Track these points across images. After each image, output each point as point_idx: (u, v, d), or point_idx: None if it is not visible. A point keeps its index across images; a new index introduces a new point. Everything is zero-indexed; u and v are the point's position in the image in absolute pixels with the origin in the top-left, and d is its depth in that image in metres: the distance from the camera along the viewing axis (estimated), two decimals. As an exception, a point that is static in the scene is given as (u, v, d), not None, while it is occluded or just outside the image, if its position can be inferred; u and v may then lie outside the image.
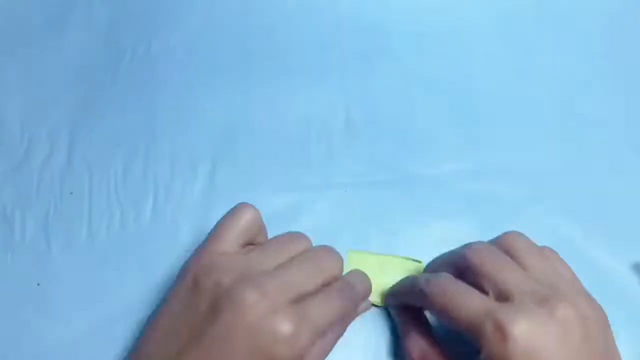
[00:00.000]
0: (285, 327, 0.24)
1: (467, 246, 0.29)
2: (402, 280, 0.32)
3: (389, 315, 0.33)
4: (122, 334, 0.32)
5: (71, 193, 0.37)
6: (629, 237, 0.36)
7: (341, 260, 0.29)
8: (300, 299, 0.26)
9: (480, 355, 0.25)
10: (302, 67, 0.41)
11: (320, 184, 0.37)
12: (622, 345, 0.27)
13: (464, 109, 0.40)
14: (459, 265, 0.29)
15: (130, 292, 0.33)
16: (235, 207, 0.29)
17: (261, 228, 0.30)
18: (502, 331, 0.24)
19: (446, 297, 0.27)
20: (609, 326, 0.26)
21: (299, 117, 0.39)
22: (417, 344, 0.30)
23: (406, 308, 0.32)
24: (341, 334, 0.30)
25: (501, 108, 0.40)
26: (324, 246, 0.30)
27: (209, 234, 0.29)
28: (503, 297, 0.26)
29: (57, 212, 0.36)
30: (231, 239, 0.28)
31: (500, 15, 0.43)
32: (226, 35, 0.42)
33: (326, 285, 0.28)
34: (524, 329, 0.24)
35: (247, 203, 0.29)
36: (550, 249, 0.29)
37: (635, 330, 0.30)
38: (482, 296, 0.26)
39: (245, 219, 0.29)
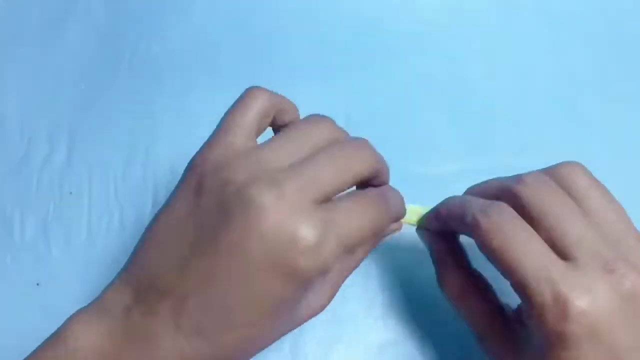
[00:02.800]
0: (307, 232, 0.20)
1: (518, 179, 0.25)
2: (449, 200, 0.28)
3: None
4: (122, 334, 0.32)
5: (71, 193, 0.37)
6: (629, 237, 0.36)
7: (376, 156, 0.25)
8: (325, 201, 0.22)
9: (527, 318, 0.22)
10: (302, 67, 0.41)
11: (320, 184, 0.37)
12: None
13: (464, 109, 0.40)
14: (510, 202, 0.24)
15: (130, 292, 0.33)
16: (243, 93, 0.25)
17: (282, 109, 0.26)
18: (562, 305, 0.21)
19: (505, 238, 0.23)
20: None
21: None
22: (455, 278, 0.27)
23: (443, 234, 0.28)
24: (368, 252, 0.26)
25: (501, 108, 0.40)
26: (354, 139, 0.25)
27: (216, 127, 0.25)
28: (564, 252, 0.22)
29: (56, 212, 0.36)
30: (240, 133, 0.24)
31: (500, 15, 0.43)
32: (226, 35, 0.42)
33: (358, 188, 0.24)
34: (588, 306, 0.21)
35: (258, 87, 0.25)
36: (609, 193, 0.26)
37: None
38: (545, 249, 0.23)
39: (256, 106, 0.25)
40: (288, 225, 0.20)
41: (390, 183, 0.37)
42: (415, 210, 0.30)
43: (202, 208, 0.22)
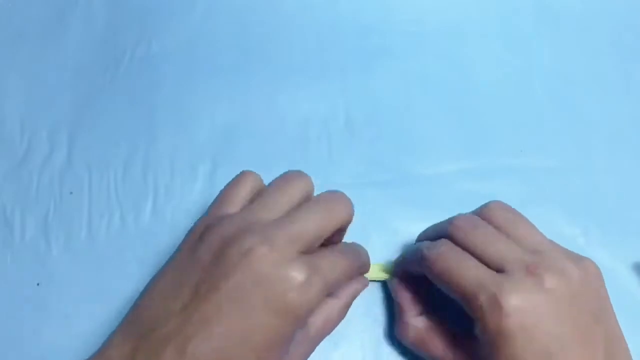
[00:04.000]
0: (296, 274, 0.24)
1: (450, 222, 0.30)
2: (407, 248, 0.33)
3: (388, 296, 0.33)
4: (122, 334, 0.32)
5: (71, 193, 0.37)
6: (629, 237, 0.36)
7: (349, 207, 0.28)
8: (308, 251, 0.25)
9: (475, 326, 0.26)
10: (302, 67, 0.41)
11: (320, 184, 0.37)
12: (622, 345, 0.27)
13: (464, 109, 0.40)
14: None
15: (130, 292, 0.33)
16: (237, 175, 0.30)
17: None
18: (496, 305, 0.25)
19: (445, 263, 0.28)
20: (600, 280, 0.28)
21: (299, 117, 0.39)
22: (412, 324, 0.31)
23: (405, 284, 0.32)
24: (345, 308, 0.30)
25: (501, 108, 0.40)
26: (330, 193, 0.29)
27: (213, 201, 0.29)
28: (496, 267, 0.27)
29: (57, 212, 0.36)
30: (233, 203, 0.28)
31: (500, 15, 0.43)
32: (226, 35, 0.42)
33: (335, 235, 0.28)
34: (517, 302, 0.25)
35: (249, 171, 0.30)
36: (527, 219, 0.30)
37: (636, 330, 0.30)
38: (479, 265, 0.27)
39: (247, 184, 0.29)
40: (278, 269, 0.24)
41: (390, 183, 0.37)
42: (378, 268, 0.34)
43: (201, 259, 0.25)
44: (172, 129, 0.39)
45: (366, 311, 0.33)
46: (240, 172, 0.30)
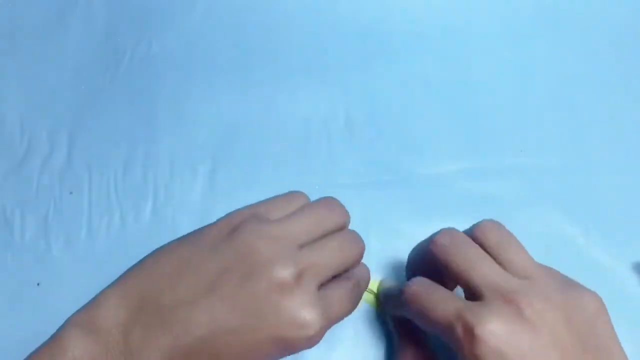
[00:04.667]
0: (312, 320, 0.25)
1: (431, 241, 0.29)
2: (388, 289, 0.33)
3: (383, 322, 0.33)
4: (122, 334, 0.32)
5: (71, 193, 0.37)
6: (629, 237, 0.36)
7: (364, 247, 0.29)
8: (325, 283, 0.26)
9: (458, 357, 0.25)
10: (302, 67, 0.41)
11: (320, 184, 0.37)
12: (622, 345, 0.27)
13: (464, 109, 0.40)
14: (430, 262, 0.29)
15: (130, 292, 0.33)
16: (293, 191, 0.30)
17: None
18: (470, 333, 0.24)
19: (420, 302, 0.27)
20: (601, 311, 0.26)
21: (299, 117, 0.39)
22: (409, 354, 0.30)
23: (401, 319, 0.31)
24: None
25: (501, 108, 0.40)
26: (353, 232, 0.29)
27: (269, 198, 0.29)
28: (473, 295, 0.26)
29: (57, 212, 0.36)
30: (278, 213, 0.28)
31: (500, 15, 0.43)
32: (226, 35, 0.42)
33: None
34: (491, 330, 0.24)
35: (303, 193, 0.30)
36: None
37: (636, 330, 0.30)
38: (454, 297, 0.26)
39: (297, 203, 0.29)
40: (299, 310, 0.24)
41: (390, 183, 0.37)
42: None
43: (226, 260, 0.25)
44: (172, 129, 0.39)
45: (366, 311, 0.33)
46: (297, 191, 0.30)
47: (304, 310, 0.24)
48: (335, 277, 0.28)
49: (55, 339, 0.25)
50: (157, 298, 0.25)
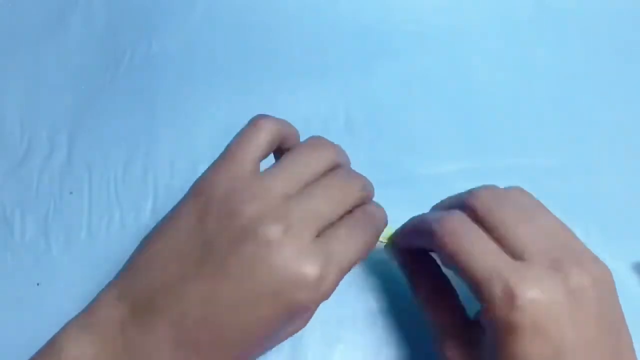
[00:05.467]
0: (311, 269, 0.22)
1: (471, 192, 0.26)
2: (411, 219, 0.30)
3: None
4: (122, 334, 0.32)
5: (71, 193, 0.37)
6: (629, 237, 0.36)
7: (365, 183, 0.27)
8: (324, 230, 0.24)
9: (482, 317, 0.24)
10: (302, 67, 0.41)
11: (320, 184, 0.37)
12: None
13: (464, 109, 0.40)
14: (466, 214, 0.26)
15: (130, 292, 0.33)
16: (250, 121, 0.26)
17: (287, 136, 0.27)
18: (510, 296, 0.22)
19: (457, 242, 0.24)
20: (614, 285, 0.25)
21: (299, 117, 0.39)
22: (424, 283, 0.28)
23: (413, 256, 0.30)
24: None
25: (501, 108, 0.40)
26: (347, 170, 0.27)
27: (224, 151, 0.26)
28: (515, 253, 0.24)
29: (57, 212, 0.36)
30: (247, 160, 0.25)
31: (500, 15, 0.43)
32: (226, 36, 0.42)
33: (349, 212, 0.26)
34: (535, 296, 0.22)
35: (265, 115, 0.26)
36: None
37: (636, 330, 0.30)
38: (496, 249, 0.24)
39: (263, 136, 0.26)
40: (293, 262, 0.22)
41: (390, 183, 0.37)
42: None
43: (209, 232, 0.23)
44: (172, 129, 0.39)
45: (366, 311, 0.33)
46: (253, 119, 0.26)
47: (299, 263, 0.22)
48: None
49: (51, 342, 0.24)
50: (149, 289, 0.24)
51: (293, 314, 0.23)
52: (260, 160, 0.26)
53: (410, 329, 0.33)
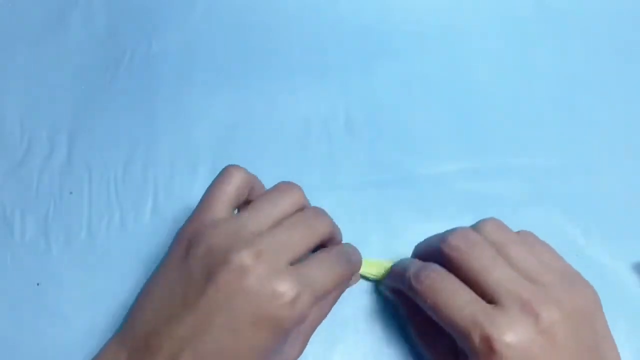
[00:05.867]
0: (285, 288, 0.24)
1: (442, 239, 0.28)
2: (395, 264, 0.32)
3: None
4: (122, 334, 0.32)
5: (71, 193, 0.37)
6: (629, 237, 0.36)
7: (331, 221, 0.29)
8: (296, 261, 0.26)
9: (469, 357, 0.25)
10: (302, 67, 0.41)
11: (320, 184, 0.37)
12: (622, 344, 0.27)
13: (464, 109, 0.40)
14: (439, 262, 0.28)
15: (130, 292, 0.33)
16: (222, 171, 0.29)
17: (253, 186, 0.29)
18: (488, 343, 0.24)
19: (435, 296, 0.26)
20: (598, 308, 0.26)
21: (299, 117, 0.39)
22: (419, 319, 0.29)
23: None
24: (336, 300, 0.30)
25: (501, 108, 0.40)
26: (314, 207, 0.29)
27: (200, 201, 0.28)
28: (490, 298, 0.25)
29: (57, 212, 0.36)
30: (221, 205, 0.27)
31: (500, 15, 0.43)
32: (226, 35, 0.42)
33: (321, 247, 0.28)
34: (510, 341, 0.24)
35: (235, 165, 0.29)
36: (529, 233, 0.29)
37: (635, 330, 0.30)
38: (472, 297, 0.26)
39: (233, 183, 0.28)
40: (268, 283, 0.24)
41: (390, 183, 0.37)
42: (369, 263, 0.33)
43: (190, 270, 0.25)
44: (172, 129, 0.39)
45: (366, 311, 0.33)
46: (224, 169, 0.29)
47: (273, 283, 0.24)
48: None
49: None
50: (144, 332, 0.25)
51: (276, 333, 0.24)
52: (233, 208, 0.28)
53: (409, 330, 0.33)
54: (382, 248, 0.35)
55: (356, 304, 0.33)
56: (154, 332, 0.25)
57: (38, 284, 0.34)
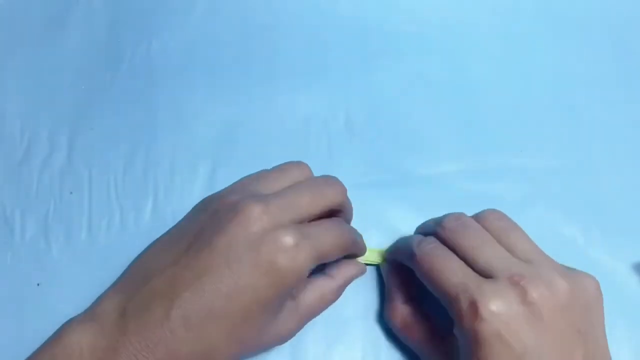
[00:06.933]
0: (287, 238, 0.25)
1: (438, 223, 0.30)
2: (400, 239, 0.33)
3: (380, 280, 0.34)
4: (122, 334, 0.32)
5: (71, 193, 0.37)
6: (629, 237, 0.36)
7: (343, 190, 0.30)
8: (302, 222, 0.27)
9: (455, 327, 0.26)
10: (303, 67, 0.41)
11: (320, 184, 0.37)
12: (622, 344, 0.27)
13: (464, 109, 0.40)
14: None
15: (130, 292, 0.33)
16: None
17: None
18: (474, 309, 0.25)
19: (432, 262, 0.28)
20: (596, 299, 0.27)
21: (299, 117, 0.39)
22: (399, 309, 0.31)
23: (397, 272, 0.33)
24: (340, 290, 0.31)
25: (501, 108, 0.40)
26: (328, 175, 0.30)
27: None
28: (482, 273, 0.27)
29: (57, 212, 0.36)
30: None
31: (500, 15, 0.43)
32: (226, 35, 0.42)
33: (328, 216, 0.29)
34: (495, 310, 0.25)
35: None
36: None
37: (635, 330, 0.30)
38: (465, 268, 0.27)
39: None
40: (271, 232, 0.25)
41: (390, 183, 0.37)
42: (375, 252, 0.34)
43: (199, 219, 0.27)
44: (172, 129, 0.39)
45: (366, 311, 0.33)
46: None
47: (277, 232, 0.25)
48: None
49: (54, 334, 0.26)
50: (145, 274, 0.26)
51: (274, 281, 0.25)
52: None
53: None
54: (381, 248, 0.35)
55: (356, 304, 0.33)
56: (156, 274, 0.25)
57: (38, 284, 0.34)
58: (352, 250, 0.31)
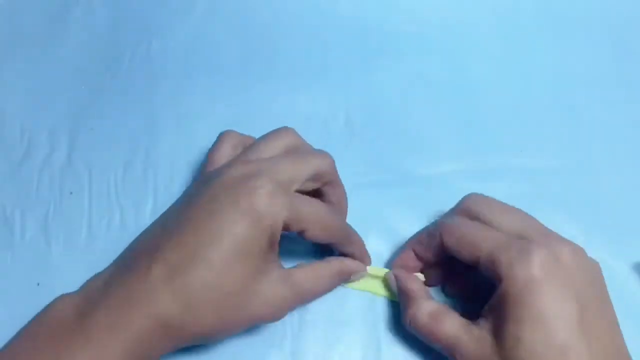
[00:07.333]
0: (264, 183, 0.26)
1: (462, 199, 0.31)
2: (416, 233, 0.33)
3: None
4: (122, 334, 0.32)
5: (71, 193, 0.37)
6: (629, 237, 0.36)
7: (331, 161, 0.31)
8: (282, 185, 0.28)
9: (500, 286, 0.26)
10: (303, 66, 0.41)
11: (320, 184, 0.37)
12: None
13: (464, 109, 0.40)
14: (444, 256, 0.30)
15: (130, 292, 0.33)
16: (217, 138, 0.32)
17: (247, 143, 0.32)
18: (526, 254, 0.25)
19: (461, 230, 0.28)
20: (601, 275, 0.28)
21: (299, 117, 0.39)
22: (424, 306, 0.30)
23: (408, 275, 0.32)
24: (332, 280, 0.31)
25: (501, 108, 0.40)
26: (316, 149, 0.31)
27: (201, 165, 0.32)
28: (511, 234, 0.28)
29: (57, 212, 0.36)
30: (219, 161, 0.31)
31: (500, 15, 0.43)
32: (226, 35, 0.42)
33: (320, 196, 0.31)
34: (546, 255, 0.25)
35: (227, 130, 0.33)
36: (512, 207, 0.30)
37: (635, 330, 0.30)
38: (493, 230, 0.28)
39: (227, 142, 0.32)
40: (249, 180, 0.27)
41: (390, 183, 0.37)
42: (378, 271, 0.33)
43: (188, 193, 0.30)
44: (172, 129, 0.39)
45: (366, 311, 0.33)
46: (219, 134, 0.32)
47: (251, 178, 0.27)
48: None
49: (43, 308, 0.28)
50: (133, 247, 0.28)
51: (253, 225, 0.26)
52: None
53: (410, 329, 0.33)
54: (381, 248, 0.35)
55: (356, 303, 0.33)
56: (144, 242, 0.28)
57: (38, 284, 0.34)
58: (339, 237, 0.31)
